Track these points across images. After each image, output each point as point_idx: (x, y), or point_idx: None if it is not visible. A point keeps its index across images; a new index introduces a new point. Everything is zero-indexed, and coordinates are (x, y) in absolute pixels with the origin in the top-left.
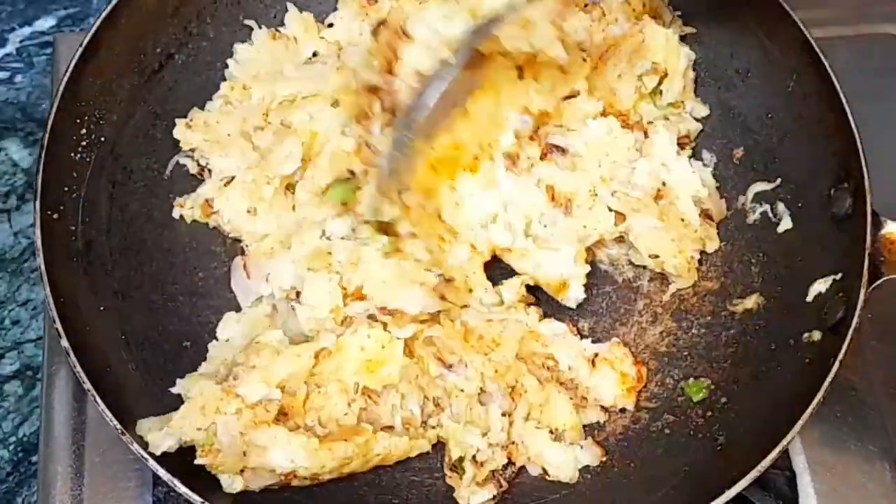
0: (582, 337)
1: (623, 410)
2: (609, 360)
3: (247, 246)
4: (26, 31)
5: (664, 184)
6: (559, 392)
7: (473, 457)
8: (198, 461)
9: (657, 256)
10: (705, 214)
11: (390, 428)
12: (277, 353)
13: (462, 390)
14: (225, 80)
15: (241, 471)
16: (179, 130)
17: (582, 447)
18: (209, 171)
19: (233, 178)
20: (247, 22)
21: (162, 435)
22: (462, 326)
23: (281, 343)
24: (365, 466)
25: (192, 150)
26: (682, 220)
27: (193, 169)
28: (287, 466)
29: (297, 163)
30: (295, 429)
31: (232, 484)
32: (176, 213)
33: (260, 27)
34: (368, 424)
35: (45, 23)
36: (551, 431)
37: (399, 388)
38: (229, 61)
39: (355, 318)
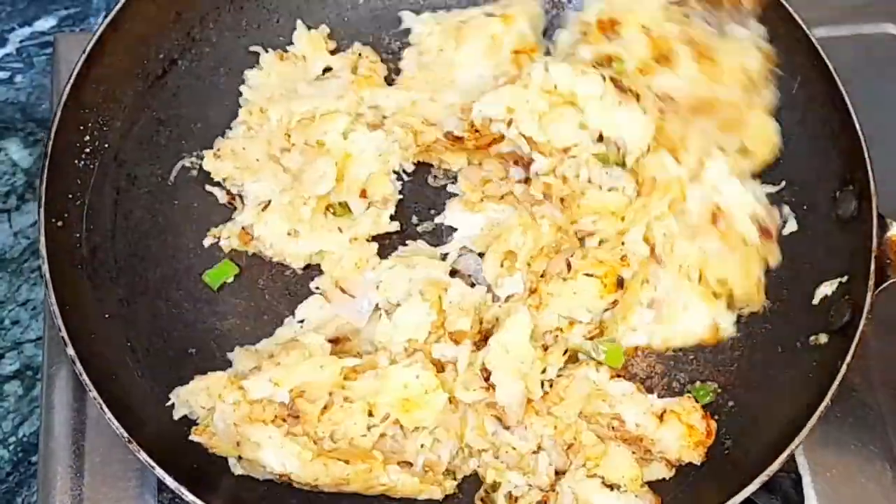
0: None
1: None
2: (677, 413)
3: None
4: (26, 31)
5: (718, 207)
6: (619, 446)
7: (509, 492)
8: (191, 437)
9: (725, 282)
10: (763, 231)
11: (409, 464)
12: (306, 356)
13: (514, 448)
14: (233, 91)
15: (240, 458)
16: (209, 162)
17: (637, 496)
18: (241, 198)
19: (269, 202)
20: (252, 48)
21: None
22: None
23: (318, 348)
24: (367, 491)
25: (224, 180)
26: (744, 240)
27: (223, 199)
28: (278, 469)
29: (332, 183)
30: (301, 435)
31: (234, 466)
32: (207, 242)
33: (266, 50)
34: (380, 453)
35: (46, 23)
36: (606, 484)
37: (434, 432)
38: (242, 88)
39: (423, 354)
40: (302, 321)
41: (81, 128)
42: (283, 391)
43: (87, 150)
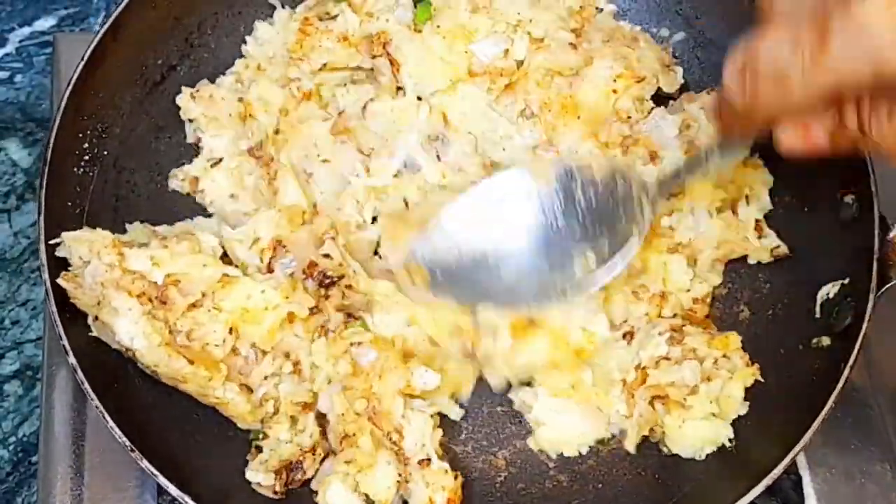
0: None
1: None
2: None
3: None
4: (26, 31)
5: None
6: None
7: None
8: (58, 280)
9: None
10: None
11: (249, 390)
12: (195, 250)
13: None
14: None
15: (97, 318)
16: (183, 99)
17: None
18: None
19: (220, 160)
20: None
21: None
22: None
23: (209, 248)
24: (200, 397)
25: (191, 121)
26: None
27: (191, 138)
28: (125, 342)
29: (260, 136)
30: (161, 320)
31: (92, 325)
32: (171, 184)
33: (283, 7)
34: (226, 368)
35: (45, 23)
36: None
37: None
38: (247, 38)
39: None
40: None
41: (80, 135)
42: (159, 272)
43: (87, 157)
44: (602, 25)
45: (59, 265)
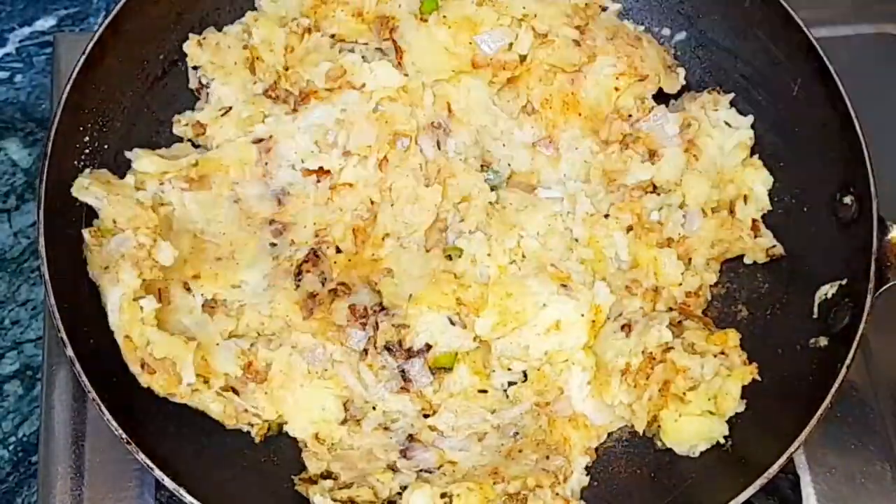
0: None
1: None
2: None
3: None
4: (26, 31)
5: None
6: None
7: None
8: (85, 231)
9: None
10: None
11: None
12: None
13: None
14: None
15: None
16: (190, 46)
17: None
18: (207, 93)
19: (230, 108)
20: None
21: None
22: None
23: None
24: None
25: (196, 68)
26: None
27: (193, 84)
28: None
29: (273, 77)
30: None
31: None
32: (175, 130)
33: None
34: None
35: (45, 23)
36: None
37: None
38: None
39: None
40: None
41: (81, 129)
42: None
43: (87, 150)
44: (606, 23)
45: (59, 259)
